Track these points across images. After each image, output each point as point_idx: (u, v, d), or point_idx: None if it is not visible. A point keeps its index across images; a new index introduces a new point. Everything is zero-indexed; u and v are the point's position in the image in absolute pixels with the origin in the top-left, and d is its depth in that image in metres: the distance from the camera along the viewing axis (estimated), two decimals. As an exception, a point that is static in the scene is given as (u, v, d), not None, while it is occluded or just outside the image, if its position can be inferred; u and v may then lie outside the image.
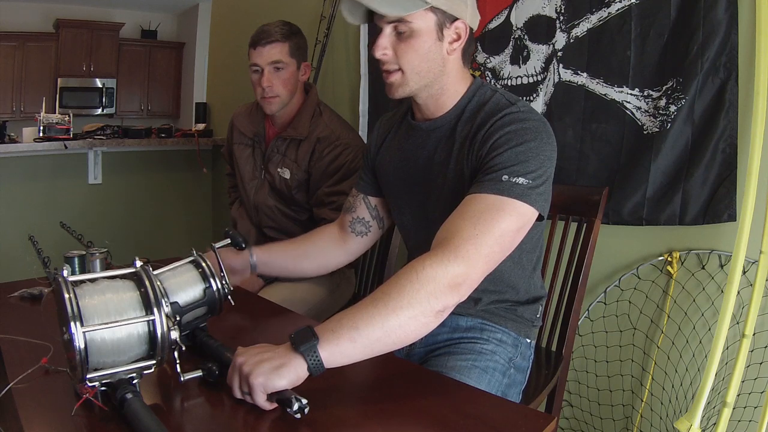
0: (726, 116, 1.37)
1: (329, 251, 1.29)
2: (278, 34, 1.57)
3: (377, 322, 0.78)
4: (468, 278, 0.84)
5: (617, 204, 1.55)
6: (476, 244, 0.85)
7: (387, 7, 0.97)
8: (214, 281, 0.92)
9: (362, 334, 0.78)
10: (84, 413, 0.73)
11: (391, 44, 1.01)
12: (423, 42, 1.00)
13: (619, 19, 1.53)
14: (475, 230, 0.86)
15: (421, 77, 1.03)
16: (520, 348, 1.13)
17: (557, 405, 1.36)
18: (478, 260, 0.85)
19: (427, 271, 0.82)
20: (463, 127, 1.05)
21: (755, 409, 1.36)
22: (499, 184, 0.91)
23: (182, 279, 0.92)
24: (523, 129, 0.96)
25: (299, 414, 0.71)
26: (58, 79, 4.74)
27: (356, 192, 1.30)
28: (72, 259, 1.29)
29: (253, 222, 1.79)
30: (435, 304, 0.81)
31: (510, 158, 0.93)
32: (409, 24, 0.98)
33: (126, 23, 5.06)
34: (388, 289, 0.81)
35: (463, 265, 0.83)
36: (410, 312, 0.80)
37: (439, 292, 0.81)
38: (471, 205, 0.91)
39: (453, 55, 1.04)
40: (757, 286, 1.27)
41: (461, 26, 1.02)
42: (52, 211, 3.09)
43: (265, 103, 1.62)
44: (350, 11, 1.03)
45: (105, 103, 5.02)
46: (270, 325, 1.16)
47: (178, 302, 0.88)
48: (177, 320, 0.88)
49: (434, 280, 0.81)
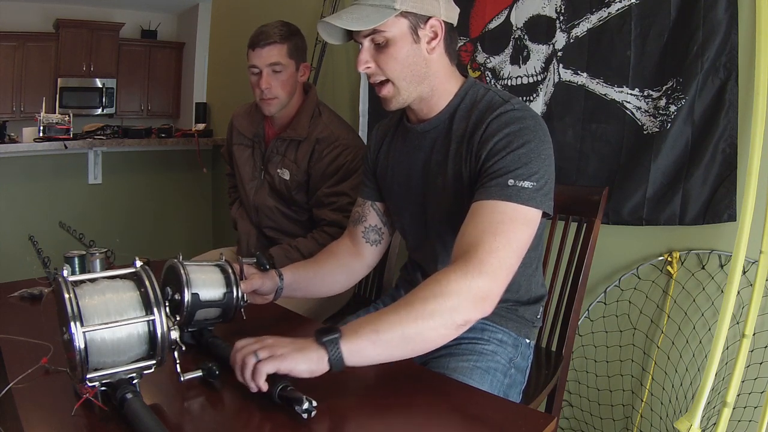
0: (726, 116, 1.37)
1: (350, 266, 1.26)
2: (277, 36, 1.57)
3: (397, 329, 0.80)
4: (492, 293, 0.86)
5: (617, 204, 1.55)
6: (499, 258, 0.87)
7: (357, 23, 0.99)
8: (236, 289, 0.96)
9: (382, 337, 0.80)
10: (84, 413, 0.73)
11: (371, 57, 1.03)
12: (400, 48, 1.01)
13: (619, 19, 1.53)
14: (496, 243, 0.88)
15: (408, 82, 1.04)
16: (520, 348, 1.14)
17: (557, 405, 1.36)
18: (501, 273, 0.87)
19: (452, 285, 0.83)
20: (458, 126, 1.06)
21: (755, 409, 1.36)
22: (506, 189, 0.92)
23: (207, 277, 0.96)
24: (521, 130, 0.96)
25: (306, 414, 0.71)
26: (58, 79, 4.75)
27: (362, 200, 1.28)
28: (72, 259, 1.29)
29: (253, 222, 1.79)
30: (457, 317, 0.83)
31: (513, 162, 0.94)
32: (383, 34, 1.00)
33: (126, 23, 5.06)
34: (413, 299, 0.83)
35: (487, 279, 0.85)
36: (432, 323, 0.82)
37: (463, 307, 0.83)
38: (485, 215, 0.92)
39: (434, 54, 1.04)
40: (757, 286, 1.27)
41: (436, 24, 1.03)
42: (52, 211, 3.09)
43: (263, 105, 1.62)
44: (328, 33, 1.05)
45: (105, 103, 5.03)
46: (271, 325, 1.16)
47: (198, 294, 0.92)
48: (190, 312, 0.92)
49: (458, 294, 0.83)
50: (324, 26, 1.03)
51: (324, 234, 1.60)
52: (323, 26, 1.03)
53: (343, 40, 1.07)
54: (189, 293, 0.91)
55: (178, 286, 0.93)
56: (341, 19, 1.00)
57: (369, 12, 0.99)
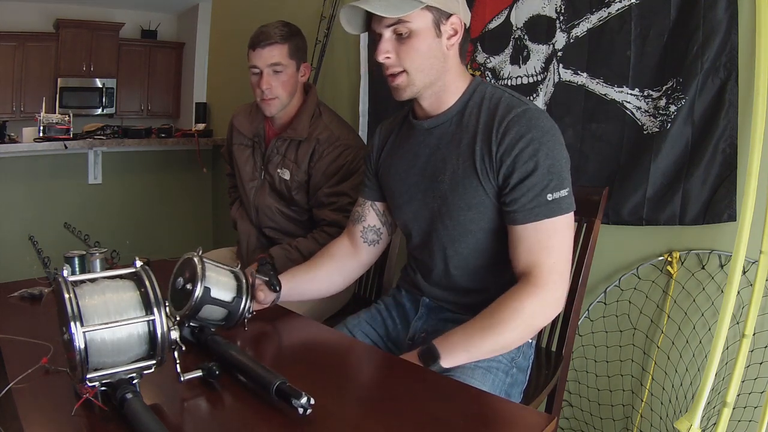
0: (726, 116, 1.37)
1: (347, 266, 1.29)
2: (277, 36, 1.57)
3: (487, 349, 0.99)
4: (559, 302, 1.01)
5: (617, 204, 1.55)
6: (558, 271, 0.99)
7: (384, 9, 1.00)
8: (246, 298, 1.00)
9: (473, 355, 0.99)
10: (84, 413, 0.73)
11: (392, 47, 1.05)
12: (423, 41, 1.03)
13: (619, 19, 1.53)
14: (552, 259, 0.99)
15: (425, 75, 1.06)
16: (521, 348, 1.13)
17: (557, 405, 1.35)
18: (564, 282, 1.01)
19: (526, 309, 0.97)
20: (469, 121, 1.08)
21: (755, 409, 1.36)
22: (548, 206, 0.99)
23: (221, 278, 0.99)
24: (542, 136, 1.00)
25: (302, 409, 0.71)
26: (58, 79, 4.74)
27: (363, 200, 1.29)
28: (72, 259, 1.29)
29: (253, 222, 1.79)
30: (535, 330, 1.04)
31: (544, 175, 0.99)
32: (408, 25, 1.02)
33: (126, 23, 5.06)
34: (494, 323, 0.98)
35: (553, 292, 0.99)
36: (514, 339, 1.00)
37: (538, 324, 1.02)
38: (534, 236, 1.00)
39: (452, 51, 1.07)
40: (757, 286, 1.27)
41: (456, 21, 1.06)
42: (52, 211, 3.09)
43: (264, 105, 1.62)
44: (348, 21, 1.07)
45: (105, 103, 5.02)
46: (272, 326, 1.16)
47: (210, 290, 0.95)
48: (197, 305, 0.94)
49: (533, 317, 0.98)
50: (347, 12, 1.05)
51: (324, 234, 1.60)
52: (348, 10, 1.05)
53: (361, 29, 1.09)
54: (201, 286, 0.94)
55: (191, 277, 0.95)
56: (370, 4, 1.01)
57: (396, 2, 1.00)
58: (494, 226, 1.07)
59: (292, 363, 0.98)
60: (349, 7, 1.04)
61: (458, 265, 1.13)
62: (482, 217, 1.07)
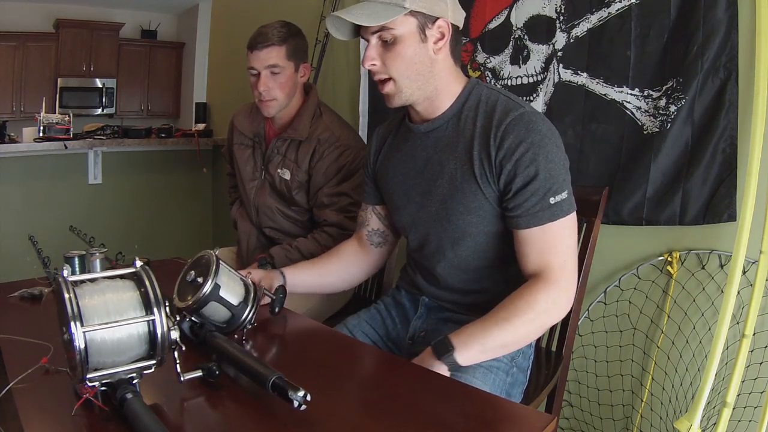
0: (726, 116, 1.37)
1: (355, 265, 1.33)
2: (275, 37, 1.56)
3: (500, 343, 0.99)
4: (570, 300, 1.03)
5: (617, 204, 1.55)
6: (567, 269, 1.02)
7: (367, 18, 1.00)
8: (251, 307, 1.01)
9: (488, 350, 0.99)
10: (84, 413, 0.73)
11: (378, 54, 1.05)
12: (407, 47, 1.03)
13: (619, 19, 1.53)
14: (560, 259, 1.01)
15: (412, 81, 1.05)
16: (522, 347, 1.13)
17: (557, 405, 1.35)
18: (574, 280, 1.03)
19: (540, 306, 0.99)
20: (466, 125, 1.07)
21: (755, 409, 1.36)
22: (551, 209, 1.00)
23: (231, 282, 1.00)
24: (541, 140, 1.00)
25: (297, 402, 0.70)
26: (58, 79, 4.74)
27: (365, 205, 1.32)
28: (72, 259, 1.29)
29: (253, 222, 1.79)
30: (547, 326, 1.04)
31: (546, 179, 1.00)
32: (392, 31, 1.02)
33: (126, 23, 5.05)
34: (508, 315, 0.99)
35: (565, 289, 1.01)
36: (528, 332, 1.01)
37: (551, 320, 1.03)
38: (541, 239, 1.01)
39: (440, 55, 1.06)
40: (757, 286, 1.27)
41: (443, 24, 1.05)
42: (52, 211, 3.09)
43: (262, 107, 1.62)
44: (337, 28, 1.07)
45: (105, 103, 5.02)
46: (272, 326, 1.16)
47: (220, 287, 0.96)
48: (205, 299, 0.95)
49: (546, 313, 1.00)
50: (332, 21, 1.05)
51: (325, 234, 1.60)
52: (332, 20, 1.05)
53: (350, 35, 1.08)
54: (213, 281, 0.95)
55: (204, 272, 0.97)
56: (351, 14, 1.01)
57: (379, 9, 1.00)
58: (493, 229, 1.07)
59: (292, 363, 0.98)
60: (332, 17, 1.05)
61: (457, 266, 1.13)
62: (481, 220, 1.07)
